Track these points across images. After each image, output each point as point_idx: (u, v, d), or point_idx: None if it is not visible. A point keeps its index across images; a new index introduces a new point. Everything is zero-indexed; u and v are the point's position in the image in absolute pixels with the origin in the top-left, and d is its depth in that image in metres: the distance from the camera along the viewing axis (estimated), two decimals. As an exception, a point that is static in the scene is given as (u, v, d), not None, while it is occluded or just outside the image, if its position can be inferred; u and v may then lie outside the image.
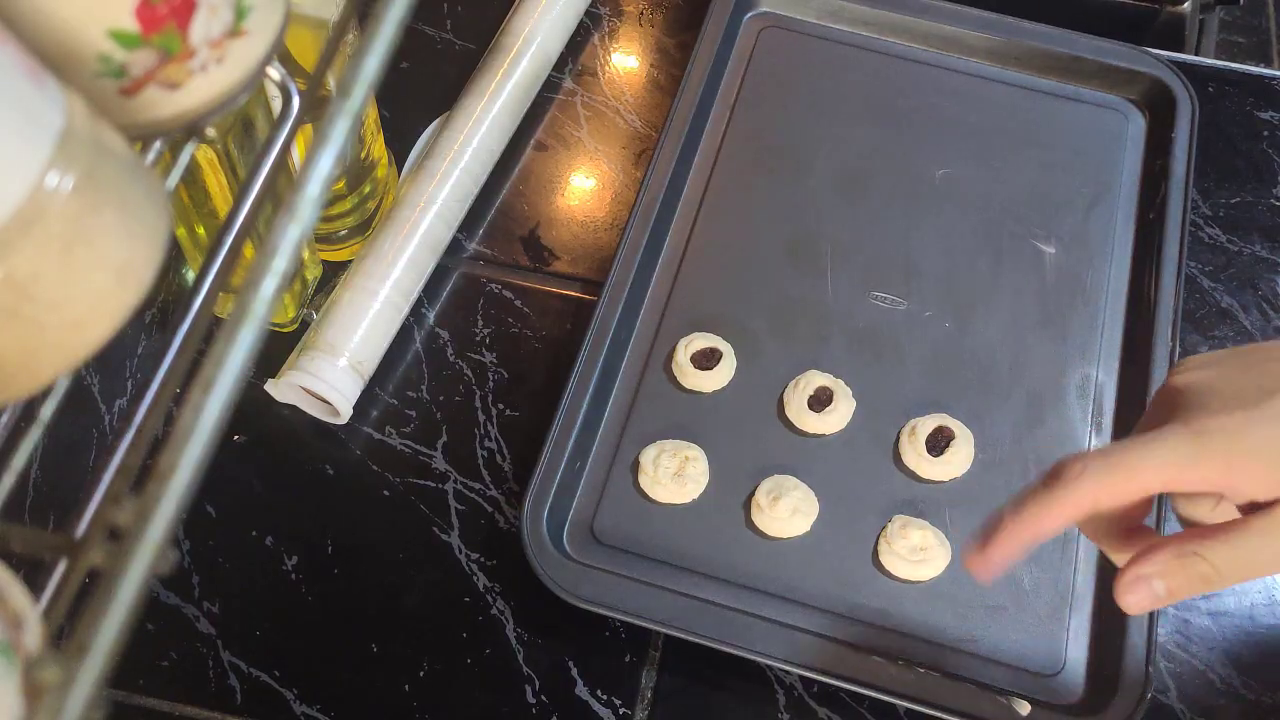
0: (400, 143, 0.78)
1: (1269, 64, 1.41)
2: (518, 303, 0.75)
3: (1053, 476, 0.42)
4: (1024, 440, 0.68)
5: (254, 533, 0.67)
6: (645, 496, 0.66)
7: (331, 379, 0.67)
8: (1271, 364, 0.42)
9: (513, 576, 0.65)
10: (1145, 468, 0.40)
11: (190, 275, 0.73)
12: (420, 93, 0.83)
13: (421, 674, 0.63)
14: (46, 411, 0.38)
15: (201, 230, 0.66)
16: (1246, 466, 0.40)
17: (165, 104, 0.35)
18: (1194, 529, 0.42)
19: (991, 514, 0.43)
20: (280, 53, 0.38)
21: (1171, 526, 0.54)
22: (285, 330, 0.73)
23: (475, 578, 0.66)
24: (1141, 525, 0.46)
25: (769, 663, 0.61)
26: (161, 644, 0.63)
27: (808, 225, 0.76)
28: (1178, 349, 0.69)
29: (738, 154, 0.78)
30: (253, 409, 0.70)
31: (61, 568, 0.35)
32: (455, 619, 0.64)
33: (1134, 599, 0.42)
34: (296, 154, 0.65)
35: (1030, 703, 0.59)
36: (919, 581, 0.63)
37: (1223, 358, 0.44)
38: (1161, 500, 0.63)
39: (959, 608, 0.63)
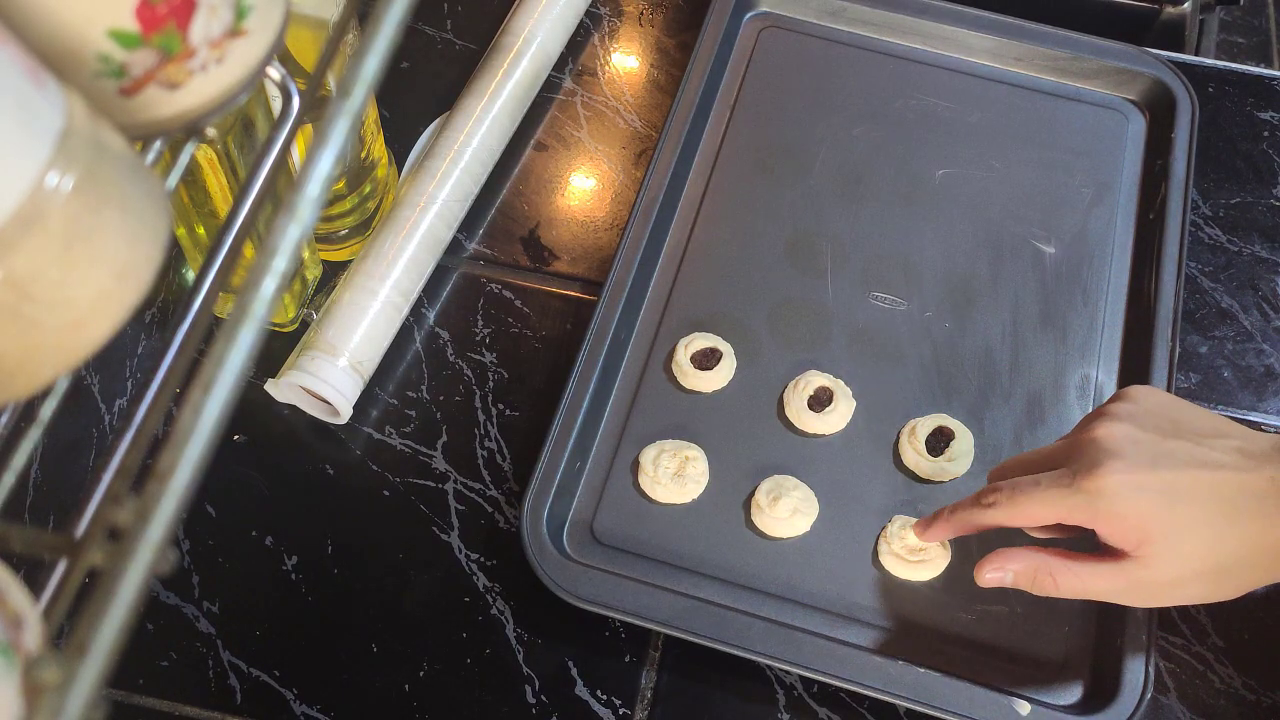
0: (400, 143, 0.78)
1: (1269, 64, 1.41)
2: (518, 303, 0.75)
3: (980, 494, 0.56)
4: (1024, 440, 0.68)
5: (254, 533, 0.67)
6: (645, 496, 0.66)
7: (331, 379, 0.67)
8: (1187, 442, 0.53)
9: (513, 576, 0.65)
10: (1039, 511, 0.54)
11: (190, 275, 0.73)
12: (420, 93, 0.83)
13: (421, 674, 0.63)
14: (46, 411, 0.38)
15: (201, 230, 0.66)
16: (1113, 525, 0.52)
17: (165, 104, 0.35)
18: (1056, 550, 0.55)
19: (941, 508, 0.60)
20: (280, 53, 0.38)
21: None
22: (285, 330, 0.73)
23: (475, 578, 0.66)
24: None
25: (769, 663, 0.61)
26: (161, 644, 0.63)
27: (808, 225, 0.76)
28: (1177, 349, 0.69)
29: (738, 154, 0.78)
30: (253, 409, 0.70)
31: (61, 568, 0.35)
32: (455, 619, 0.64)
33: (990, 578, 0.56)
34: (296, 154, 0.65)
35: (1030, 703, 0.59)
36: (919, 581, 0.63)
37: (1149, 418, 0.54)
38: None
39: (958, 608, 0.63)
